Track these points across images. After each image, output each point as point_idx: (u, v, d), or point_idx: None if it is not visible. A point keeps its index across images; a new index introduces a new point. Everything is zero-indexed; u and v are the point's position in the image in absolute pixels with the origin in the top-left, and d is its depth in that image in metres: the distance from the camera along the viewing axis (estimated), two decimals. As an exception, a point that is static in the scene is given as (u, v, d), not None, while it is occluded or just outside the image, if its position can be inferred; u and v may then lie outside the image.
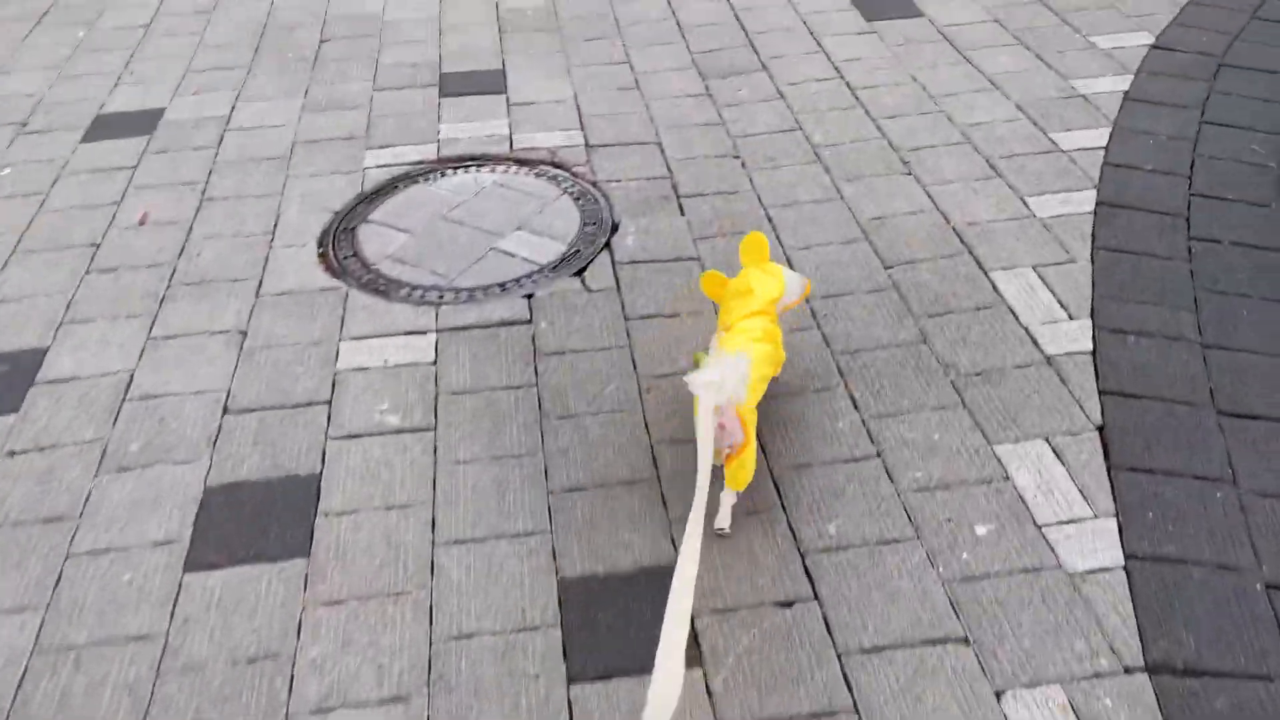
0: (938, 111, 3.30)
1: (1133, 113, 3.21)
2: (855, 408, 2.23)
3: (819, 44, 3.75)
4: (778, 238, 2.78)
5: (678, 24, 3.96)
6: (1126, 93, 3.31)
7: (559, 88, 3.56)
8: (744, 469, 1.89)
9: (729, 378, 1.81)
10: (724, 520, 1.92)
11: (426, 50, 3.85)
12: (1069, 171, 2.96)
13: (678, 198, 2.96)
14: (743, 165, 3.10)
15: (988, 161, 3.03)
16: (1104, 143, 3.07)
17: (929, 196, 2.89)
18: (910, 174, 2.99)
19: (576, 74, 3.65)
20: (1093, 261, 2.60)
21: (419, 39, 3.94)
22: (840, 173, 3.03)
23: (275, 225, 2.89)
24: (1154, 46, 3.58)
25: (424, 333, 2.49)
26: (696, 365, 1.98)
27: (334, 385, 2.34)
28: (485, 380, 2.34)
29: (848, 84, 3.49)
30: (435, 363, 2.39)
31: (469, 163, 3.16)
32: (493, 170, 3.12)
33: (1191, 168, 2.93)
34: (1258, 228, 2.69)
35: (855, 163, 3.07)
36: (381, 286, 2.65)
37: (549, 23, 4.04)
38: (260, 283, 2.68)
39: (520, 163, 3.16)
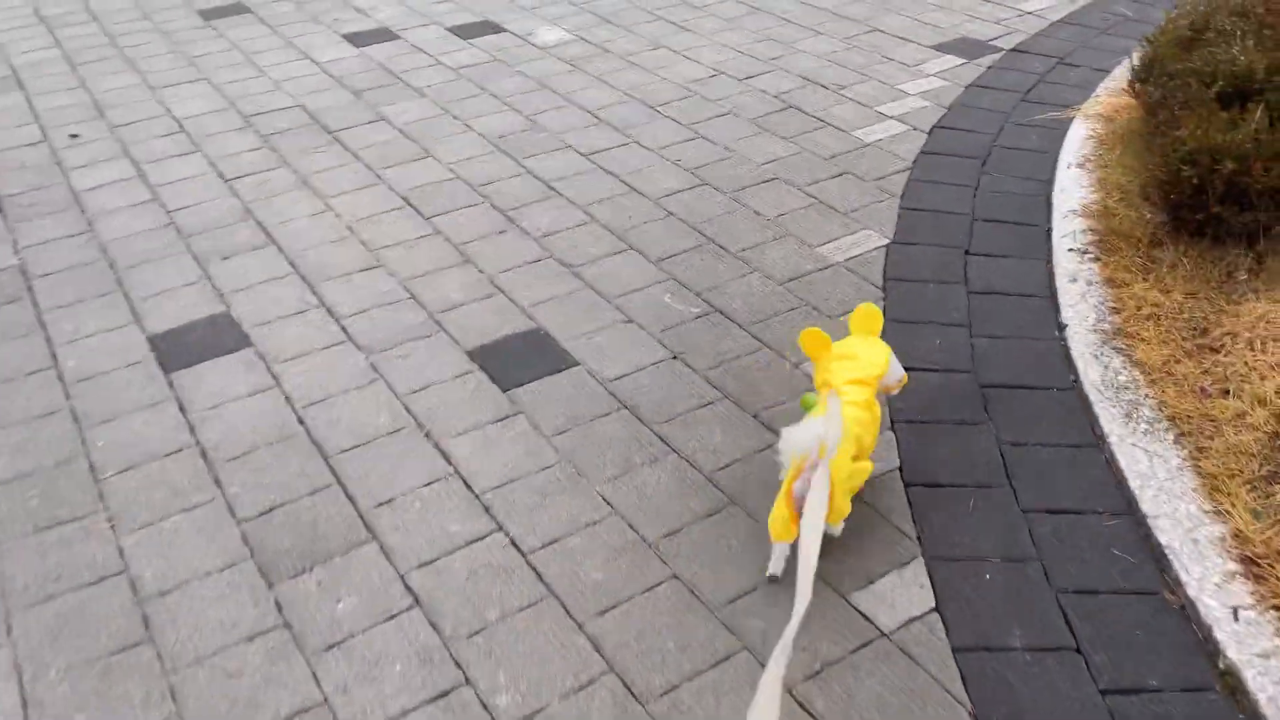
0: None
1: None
2: None
3: (447, 459, 2.39)
4: None
5: (204, 457, 2.41)
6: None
7: (-12, 692, 1.87)
8: (837, 508, 1.93)
9: (829, 431, 1.92)
10: (776, 567, 1.97)
11: None
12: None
13: None
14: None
15: None
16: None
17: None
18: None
19: (21, 644, 1.97)
20: None
21: None
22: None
23: None
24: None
25: None
26: (805, 409, 2.09)
27: None
28: None
29: (513, 540, 2.16)
30: None
31: None
32: None
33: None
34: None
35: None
36: None
37: (-31, 504, 2.31)
38: None
39: None
